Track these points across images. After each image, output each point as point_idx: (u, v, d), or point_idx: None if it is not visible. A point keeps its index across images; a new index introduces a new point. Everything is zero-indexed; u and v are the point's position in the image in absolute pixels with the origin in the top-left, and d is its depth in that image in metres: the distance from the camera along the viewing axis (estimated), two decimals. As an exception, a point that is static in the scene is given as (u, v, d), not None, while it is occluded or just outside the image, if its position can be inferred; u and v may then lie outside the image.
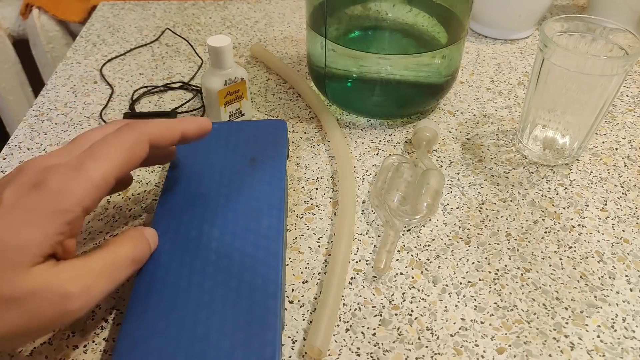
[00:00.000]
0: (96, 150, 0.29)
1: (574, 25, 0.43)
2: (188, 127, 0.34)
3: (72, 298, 0.26)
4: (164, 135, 0.32)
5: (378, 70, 0.46)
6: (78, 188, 0.27)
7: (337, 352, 0.32)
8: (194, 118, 0.35)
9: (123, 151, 0.29)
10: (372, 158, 0.46)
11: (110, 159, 0.29)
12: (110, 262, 0.29)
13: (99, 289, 0.27)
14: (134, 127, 0.31)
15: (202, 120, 0.35)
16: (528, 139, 0.46)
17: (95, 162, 0.28)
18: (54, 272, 0.26)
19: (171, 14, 0.71)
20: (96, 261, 0.28)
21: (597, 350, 0.32)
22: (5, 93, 1.00)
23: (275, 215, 0.36)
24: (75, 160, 0.28)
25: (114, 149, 0.29)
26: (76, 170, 0.28)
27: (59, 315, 0.26)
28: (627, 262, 0.38)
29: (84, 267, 0.27)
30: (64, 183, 0.27)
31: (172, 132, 0.33)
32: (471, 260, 0.37)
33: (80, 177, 0.27)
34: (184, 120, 0.34)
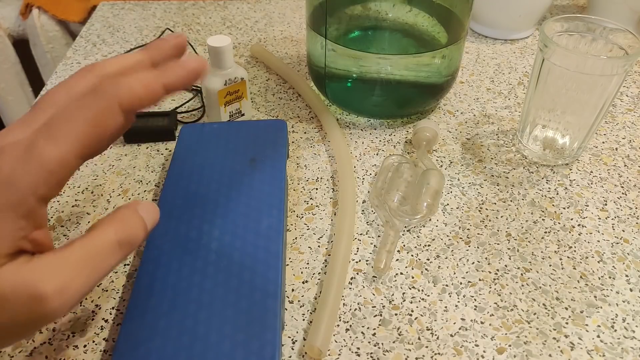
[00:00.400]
0: (53, 127, 0.24)
1: (574, 25, 0.43)
2: (172, 77, 0.27)
3: (47, 298, 0.23)
4: (140, 97, 0.26)
5: (378, 70, 0.46)
6: (29, 175, 0.23)
7: (337, 352, 0.32)
8: (181, 62, 0.28)
9: (86, 126, 0.24)
10: (372, 158, 0.46)
11: (69, 137, 0.24)
12: (91, 250, 0.25)
13: (78, 285, 0.24)
14: (99, 93, 0.25)
15: (190, 63, 0.28)
16: (528, 139, 0.46)
17: (50, 142, 0.24)
18: (25, 271, 0.23)
19: (171, 14, 0.71)
20: (73, 252, 0.24)
21: (597, 350, 0.32)
22: (5, 93, 1.00)
23: (275, 215, 0.36)
24: (27, 141, 0.24)
25: (75, 123, 0.24)
26: (27, 153, 0.23)
27: (36, 318, 0.23)
28: (627, 262, 0.38)
29: (59, 262, 0.24)
30: (12, 170, 0.23)
31: (151, 90, 0.26)
32: (471, 260, 0.37)
33: (32, 161, 0.23)
34: (166, 69, 0.27)
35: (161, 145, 0.48)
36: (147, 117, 0.49)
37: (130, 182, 0.44)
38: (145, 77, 0.26)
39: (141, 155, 0.47)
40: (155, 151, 0.47)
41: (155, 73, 0.27)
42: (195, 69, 0.28)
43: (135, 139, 0.48)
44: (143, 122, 0.48)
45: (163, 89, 0.27)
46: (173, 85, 0.27)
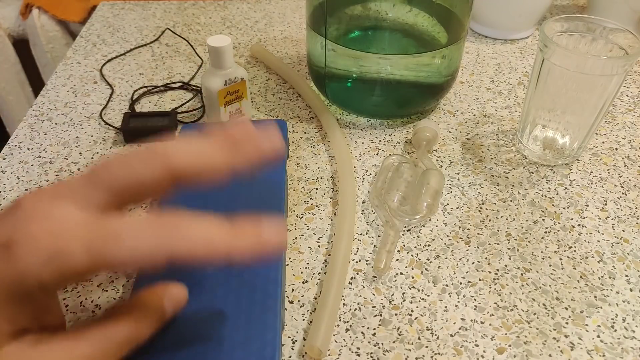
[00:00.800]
0: (99, 239, 0.23)
1: (574, 25, 0.43)
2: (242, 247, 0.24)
3: None
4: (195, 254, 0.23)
5: (378, 70, 0.46)
6: (47, 274, 0.22)
7: (337, 352, 0.32)
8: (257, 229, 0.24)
9: (130, 260, 0.23)
10: (372, 158, 0.46)
11: (106, 260, 0.22)
12: (101, 346, 0.24)
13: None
14: (161, 232, 0.23)
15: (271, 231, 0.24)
16: (528, 139, 0.46)
17: (87, 255, 0.22)
18: (32, 358, 0.22)
19: (171, 14, 0.71)
20: (82, 346, 0.23)
21: (597, 350, 0.32)
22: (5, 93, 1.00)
23: (275, 215, 0.36)
24: (67, 237, 0.22)
25: (120, 252, 0.22)
26: (59, 255, 0.22)
27: None
28: (627, 262, 0.38)
29: (66, 354, 0.23)
30: (30, 265, 0.22)
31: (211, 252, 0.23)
32: (471, 260, 0.37)
33: (58, 263, 0.22)
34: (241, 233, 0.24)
35: (161, 145, 0.48)
36: (148, 117, 0.49)
37: (130, 182, 0.43)
38: (214, 235, 0.23)
39: (141, 155, 0.46)
40: (155, 151, 0.47)
41: (227, 234, 0.24)
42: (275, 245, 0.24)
43: (135, 139, 0.48)
44: (143, 122, 0.48)
45: (225, 256, 0.24)
46: (237, 260, 0.24)
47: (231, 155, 0.25)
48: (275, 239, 0.24)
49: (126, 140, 0.48)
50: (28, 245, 0.22)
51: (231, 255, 0.23)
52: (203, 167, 0.25)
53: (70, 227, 0.23)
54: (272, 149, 0.26)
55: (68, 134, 0.49)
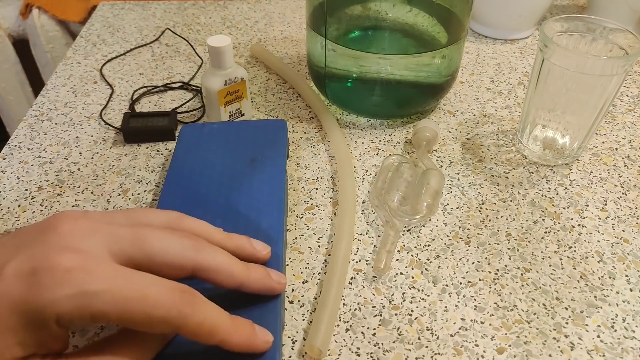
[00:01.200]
0: (125, 289, 0.24)
1: (574, 25, 0.43)
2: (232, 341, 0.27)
3: None
4: (195, 335, 0.26)
5: (378, 70, 0.46)
6: (66, 309, 0.23)
7: (337, 352, 0.32)
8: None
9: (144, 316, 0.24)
10: (372, 158, 0.46)
11: (125, 311, 0.24)
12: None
13: None
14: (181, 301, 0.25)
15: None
16: (528, 139, 0.46)
17: (109, 302, 0.23)
18: None
19: (171, 14, 0.71)
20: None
21: (597, 350, 0.32)
22: (5, 93, 1.00)
23: (275, 215, 0.36)
24: (95, 278, 0.23)
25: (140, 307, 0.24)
26: (83, 295, 0.23)
27: None
28: (627, 262, 0.38)
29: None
30: (55, 297, 0.23)
31: (208, 337, 0.26)
32: (471, 260, 0.37)
33: (79, 302, 0.23)
34: (233, 333, 0.27)
35: (161, 145, 0.48)
36: (147, 117, 0.49)
37: (130, 182, 0.44)
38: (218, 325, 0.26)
39: (141, 155, 0.47)
40: (155, 151, 0.47)
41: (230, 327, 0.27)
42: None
43: (135, 139, 0.48)
44: (143, 122, 0.48)
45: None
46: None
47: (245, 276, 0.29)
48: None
49: (126, 140, 0.48)
50: (57, 277, 0.23)
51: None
52: (222, 275, 0.28)
53: (102, 271, 0.24)
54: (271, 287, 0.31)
55: (68, 134, 0.49)
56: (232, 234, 0.31)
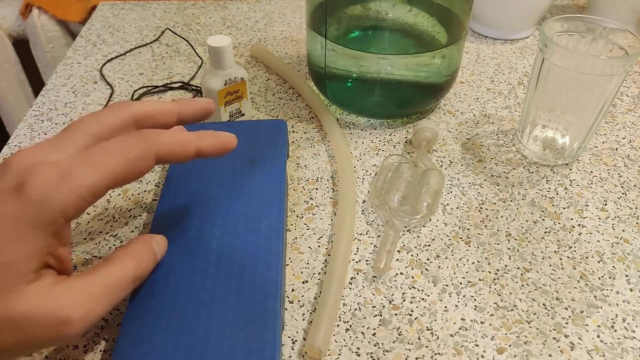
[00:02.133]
0: (93, 157, 0.26)
1: (574, 25, 0.43)
2: (206, 143, 0.30)
3: (72, 324, 0.25)
4: (175, 152, 0.29)
5: (378, 70, 0.46)
6: (63, 197, 0.25)
7: (337, 352, 0.32)
8: (215, 133, 0.31)
9: (124, 164, 0.27)
10: (372, 158, 0.46)
11: (106, 170, 0.26)
12: (112, 283, 0.27)
13: (98, 313, 0.26)
14: (143, 139, 0.28)
15: (224, 135, 0.32)
16: (528, 139, 0.46)
17: (88, 171, 0.26)
18: (54, 296, 0.25)
19: (171, 14, 0.71)
20: (98, 283, 0.27)
21: (597, 350, 0.32)
22: (5, 93, 1.00)
23: (275, 215, 0.36)
24: (66, 164, 0.26)
25: (114, 160, 0.27)
26: (65, 178, 0.25)
27: (57, 338, 0.25)
28: (627, 262, 0.38)
29: (85, 290, 0.26)
30: (49, 190, 0.25)
31: (186, 149, 0.29)
32: (471, 260, 0.37)
33: (68, 186, 0.25)
34: (203, 135, 0.31)
35: (161, 145, 0.48)
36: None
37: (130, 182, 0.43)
38: (183, 136, 0.30)
39: (141, 155, 0.46)
40: (155, 151, 0.47)
41: (192, 135, 0.30)
42: (227, 142, 0.32)
43: (135, 139, 0.48)
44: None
45: (195, 151, 0.30)
46: (204, 151, 0.30)
47: (178, 106, 0.32)
48: (228, 140, 0.32)
49: (126, 140, 0.48)
50: (37, 177, 0.25)
51: (199, 150, 0.30)
52: (157, 110, 0.31)
53: (65, 157, 0.26)
54: (204, 107, 0.33)
55: (68, 134, 0.49)
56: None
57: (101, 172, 0.26)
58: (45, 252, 0.25)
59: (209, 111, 0.33)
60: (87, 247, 0.38)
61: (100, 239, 0.39)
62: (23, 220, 0.24)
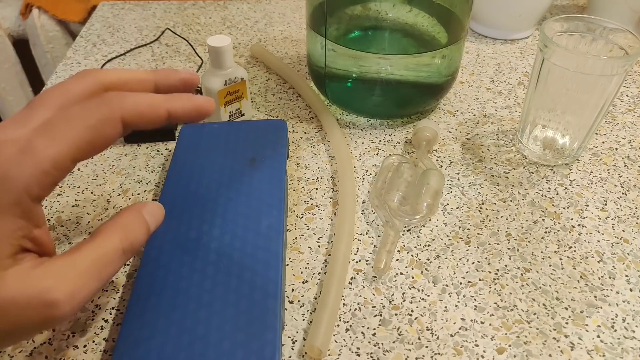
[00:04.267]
0: (52, 128, 0.25)
1: (574, 25, 0.43)
2: (177, 105, 0.28)
3: (58, 305, 0.23)
4: (143, 114, 0.27)
5: (378, 70, 0.46)
6: (24, 174, 0.23)
7: (337, 352, 0.32)
8: (189, 96, 0.29)
9: (86, 131, 0.25)
10: (372, 158, 0.46)
11: (67, 140, 0.24)
12: (98, 258, 0.25)
13: (87, 291, 0.25)
14: (104, 102, 0.26)
15: (199, 99, 0.29)
16: (528, 139, 0.46)
17: (47, 143, 0.24)
18: (36, 277, 0.23)
19: (171, 14, 0.71)
20: (82, 260, 0.25)
21: (597, 350, 0.32)
22: (5, 93, 1.00)
23: (275, 215, 0.36)
24: (25, 138, 0.24)
25: (75, 127, 0.25)
26: (23, 152, 0.24)
27: (45, 322, 0.24)
28: (627, 262, 0.38)
29: (69, 269, 0.24)
30: (7, 169, 0.23)
31: (155, 110, 0.27)
32: (471, 260, 0.37)
33: (27, 161, 0.23)
34: (174, 96, 0.28)
35: (161, 145, 0.48)
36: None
37: (130, 182, 0.44)
38: (151, 98, 0.27)
39: (141, 155, 0.47)
40: (155, 151, 0.47)
41: (162, 97, 0.28)
42: (202, 105, 0.29)
43: (135, 139, 0.48)
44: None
45: (166, 113, 0.28)
46: (176, 114, 0.28)
47: (155, 74, 0.30)
48: (203, 103, 0.29)
49: (126, 140, 0.48)
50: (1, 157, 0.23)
51: (171, 112, 0.28)
52: (128, 77, 0.29)
53: (23, 134, 0.24)
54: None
55: (68, 134, 0.49)
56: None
57: (62, 142, 0.24)
58: (17, 236, 0.24)
59: (189, 82, 0.31)
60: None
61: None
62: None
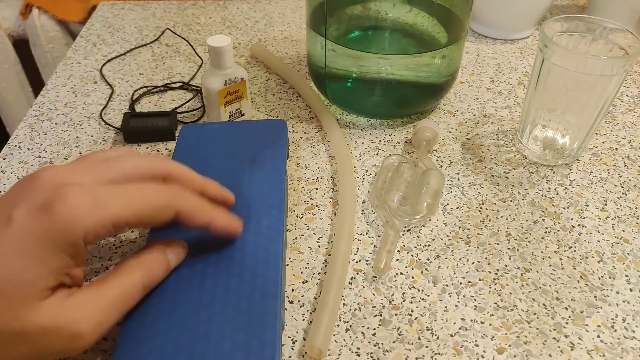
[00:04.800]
0: (126, 194, 0.28)
1: (574, 25, 0.43)
2: (219, 221, 0.32)
3: (84, 336, 0.26)
4: (193, 216, 0.30)
5: (378, 70, 0.46)
6: (89, 223, 0.26)
7: (337, 352, 0.32)
8: (230, 216, 0.33)
9: (150, 208, 0.28)
10: (372, 158, 0.46)
11: (134, 208, 0.28)
12: (122, 292, 0.28)
13: (109, 324, 0.27)
14: (174, 192, 0.30)
15: (235, 222, 0.33)
16: (528, 139, 0.46)
17: (117, 204, 0.27)
18: (66, 309, 0.26)
19: (171, 14, 0.71)
20: (107, 294, 0.27)
21: (597, 350, 0.32)
22: (5, 93, 1.00)
23: (275, 215, 0.36)
24: (99, 192, 0.27)
25: (144, 200, 0.28)
26: (96, 205, 0.26)
27: (69, 350, 0.26)
28: (627, 262, 0.38)
29: (96, 302, 0.27)
30: (78, 214, 0.26)
31: (202, 217, 0.31)
32: (471, 260, 0.37)
33: (96, 213, 0.26)
34: (220, 212, 0.32)
35: (161, 145, 0.48)
36: (148, 117, 0.49)
37: (130, 182, 0.43)
38: (205, 206, 0.31)
39: (141, 155, 0.46)
40: (155, 151, 0.47)
41: (212, 209, 0.32)
42: (235, 228, 0.33)
43: (135, 139, 0.48)
44: (143, 122, 0.48)
45: (208, 223, 0.31)
46: (214, 227, 0.32)
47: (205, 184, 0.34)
48: (237, 226, 0.34)
49: (126, 140, 0.48)
50: (68, 199, 0.26)
51: (211, 226, 0.31)
52: (187, 177, 0.33)
53: (98, 187, 0.27)
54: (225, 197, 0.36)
55: (68, 134, 0.49)
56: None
57: (129, 208, 0.27)
58: (62, 272, 0.26)
59: (227, 201, 0.35)
60: (88, 246, 0.38)
61: (102, 239, 0.39)
62: (47, 240, 0.25)
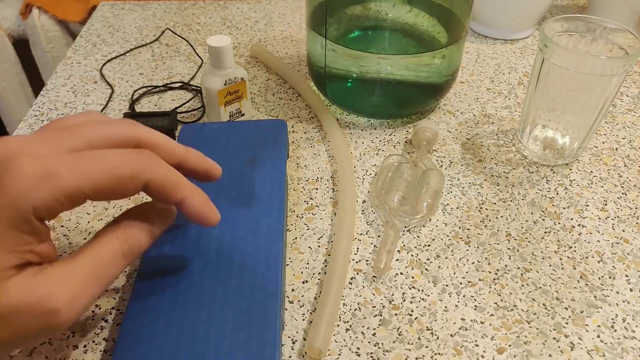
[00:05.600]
0: (82, 162, 0.25)
1: (574, 25, 0.43)
2: (193, 203, 0.28)
3: (59, 312, 0.24)
4: (164, 190, 0.27)
5: (378, 70, 0.46)
6: (37, 198, 0.23)
7: (337, 352, 0.32)
8: (207, 201, 0.29)
9: (111, 179, 0.25)
10: (372, 158, 0.46)
11: (91, 179, 0.24)
12: (97, 262, 0.26)
13: (87, 297, 0.25)
14: (141, 160, 0.26)
15: (211, 209, 0.29)
16: (528, 139, 0.46)
17: (71, 174, 0.24)
18: (36, 285, 0.24)
19: (171, 14, 0.71)
20: (81, 266, 0.25)
21: (597, 350, 0.32)
22: (5, 93, 1.00)
23: (275, 215, 0.36)
24: (51, 162, 0.24)
25: (104, 171, 0.25)
26: (45, 177, 0.23)
27: (46, 329, 0.24)
28: (627, 262, 0.38)
29: (69, 276, 0.25)
30: (23, 187, 0.23)
31: (175, 193, 0.27)
32: (471, 260, 0.37)
33: (46, 186, 0.23)
34: (197, 192, 0.28)
35: (161, 145, 0.48)
36: (147, 117, 0.49)
37: (130, 182, 0.43)
38: (177, 178, 0.28)
39: (141, 155, 0.46)
40: (155, 151, 0.47)
41: (188, 185, 0.28)
42: (210, 214, 0.29)
43: (135, 139, 0.48)
44: (143, 122, 0.48)
45: (180, 200, 0.28)
46: (187, 207, 0.28)
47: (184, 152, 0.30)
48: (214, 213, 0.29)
49: (126, 140, 0.48)
50: (16, 173, 0.23)
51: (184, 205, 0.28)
52: (161, 143, 0.29)
53: (51, 156, 0.24)
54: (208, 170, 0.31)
55: (68, 134, 0.49)
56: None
57: (85, 179, 0.24)
58: (22, 250, 0.24)
59: (212, 175, 0.31)
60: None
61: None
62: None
